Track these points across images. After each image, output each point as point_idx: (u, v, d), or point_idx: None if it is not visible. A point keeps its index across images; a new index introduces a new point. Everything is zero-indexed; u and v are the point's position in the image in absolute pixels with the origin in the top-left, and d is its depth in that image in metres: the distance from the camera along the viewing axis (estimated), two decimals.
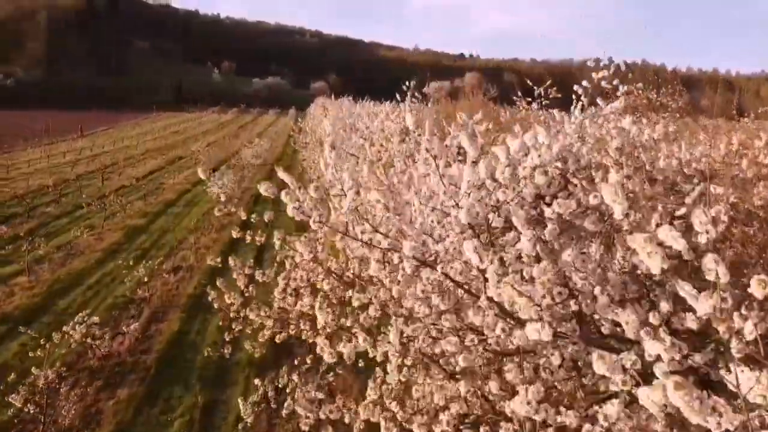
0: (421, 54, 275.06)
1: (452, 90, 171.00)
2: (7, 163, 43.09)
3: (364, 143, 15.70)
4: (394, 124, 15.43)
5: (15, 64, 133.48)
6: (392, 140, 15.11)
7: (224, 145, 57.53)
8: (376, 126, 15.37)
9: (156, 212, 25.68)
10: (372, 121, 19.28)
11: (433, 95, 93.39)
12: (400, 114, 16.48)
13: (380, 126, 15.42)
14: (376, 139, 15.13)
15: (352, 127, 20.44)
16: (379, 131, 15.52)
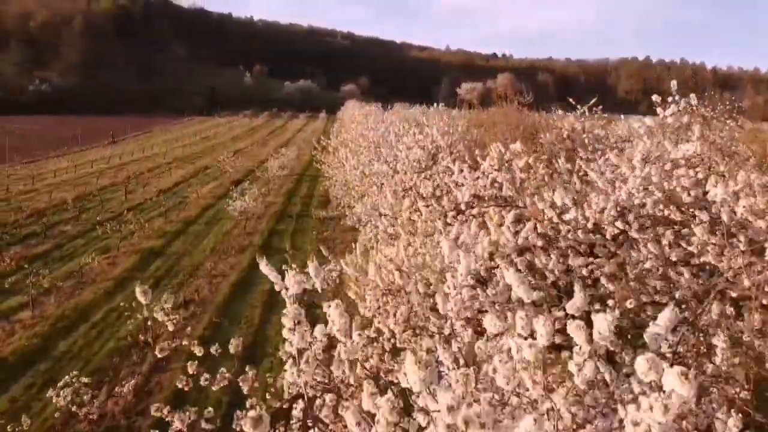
0: (452, 54, 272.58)
1: (484, 91, 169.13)
2: (34, 173, 42.96)
3: (388, 170, 14.39)
4: (420, 150, 14.04)
5: (51, 69, 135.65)
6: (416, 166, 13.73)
7: (252, 153, 56.89)
8: (402, 154, 13.94)
9: (175, 231, 24.70)
10: (398, 140, 18.01)
11: (464, 96, 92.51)
12: (428, 133, 15.03)
13: (405, 153, 14.00)
14: (400, 167, 13.78)
15: (377, 147, 19.17)
16: (404, 158, 14.14)
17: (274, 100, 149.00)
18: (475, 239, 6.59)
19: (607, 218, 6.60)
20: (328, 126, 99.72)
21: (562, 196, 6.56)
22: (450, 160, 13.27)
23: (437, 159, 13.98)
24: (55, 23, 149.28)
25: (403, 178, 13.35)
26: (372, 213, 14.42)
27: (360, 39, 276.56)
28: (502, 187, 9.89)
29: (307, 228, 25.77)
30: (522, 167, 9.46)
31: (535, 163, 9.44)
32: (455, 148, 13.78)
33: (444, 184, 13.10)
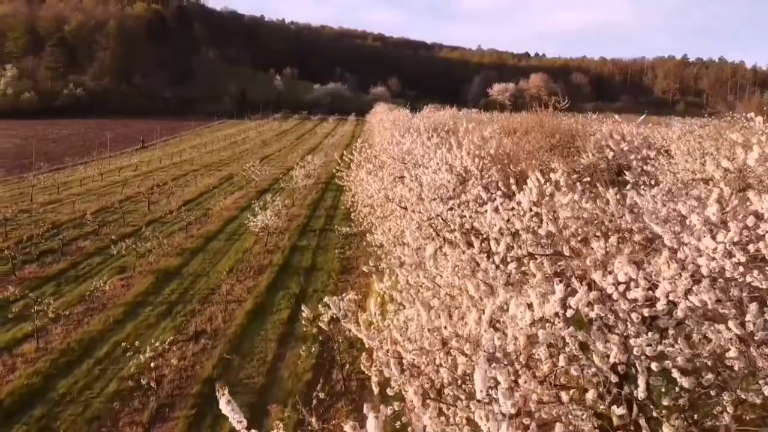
0: (483, 54, 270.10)
1: (516, 91, 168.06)
2: (61, 182, 42.89)
3: (412, 196, 13.15)
4: (448, 174, 12.80)
5: (85, 73, 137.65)
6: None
7: (279, 159, 56.25)
8: (427, 178, 12.72)
9: (194, 248, 23.85)
10: (425, 155, 16.84)
11: (496, 97, 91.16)
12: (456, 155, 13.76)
13: (431, 177, 12.77)
14: (425, 193, 12.56)
15: (402, 163, 18.03)
16: (430, 181, 12.91)
17: (304, 103, 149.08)
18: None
19: (680, 290, 5.30)
20: (356, 129, 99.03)
21: (627, 270, 5.28)
22: (482, 188, 12.06)
23: (467, 183, 12.74)
24: (89, 27, 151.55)
25: (428, 207, 12.16)
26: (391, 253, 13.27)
27: (390, 40, 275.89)
28: (541, 224, 8.64)
29: (330, 244, 24.70)
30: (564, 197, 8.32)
31: (580, 199, 8.18)
32: (487, 172, 12.50)
33: (474, 215, 11.87)
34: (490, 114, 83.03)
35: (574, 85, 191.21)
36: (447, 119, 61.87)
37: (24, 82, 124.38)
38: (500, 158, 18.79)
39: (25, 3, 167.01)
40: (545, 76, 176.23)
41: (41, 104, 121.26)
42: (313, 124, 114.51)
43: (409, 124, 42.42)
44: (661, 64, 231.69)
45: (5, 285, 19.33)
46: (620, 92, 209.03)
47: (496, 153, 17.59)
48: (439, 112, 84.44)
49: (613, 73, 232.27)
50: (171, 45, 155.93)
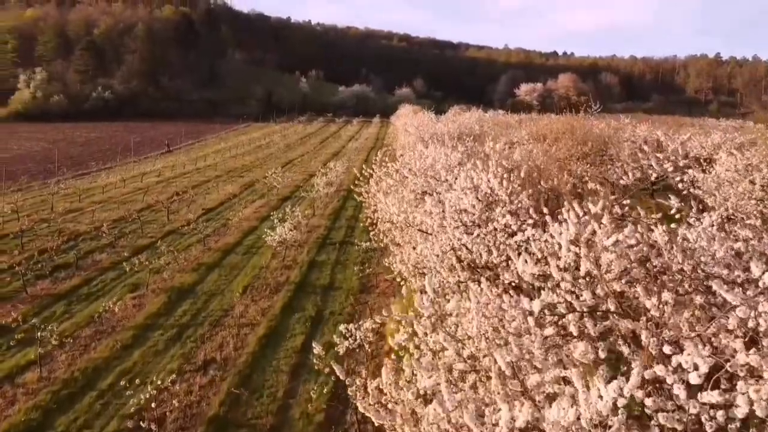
0: (510, 53, 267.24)
1: (544, 92, 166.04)
2: (84, 189, 42.74)
3: (433, 223, 12.15)
4: (473, 197, 11.79)
5: (113, 76, 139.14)
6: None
7: (302, 165, 55.63)
8: (450, 199, 11.72)
9: (210, 263, 23.15)
10: (450, 175, 15.90)
11: (523, 97, 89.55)
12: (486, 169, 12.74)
13: (455, 200, 11.76)
14: (448, 219, 11.55)
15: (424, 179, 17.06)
16: (452, 205, 11.91)
17: (330, 105, 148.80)
18: None
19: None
20: (381, 132, 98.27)
21: (697, 360, 4.26)
22: (510, 215, 11.01)
23: (493, 207, 11.71)
24: (117, 31, 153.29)
25: (450, 237, 11.15)
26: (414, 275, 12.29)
27: (416, 40, 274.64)
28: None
29: (349, 260, 23.80)
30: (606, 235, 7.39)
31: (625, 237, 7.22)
32: (516, 197, 11.44)
33: (502, 247, 10.82)
34: (518, 116, 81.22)
35: (604, 85, 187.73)
36: (473, 123, 60.71)
37: (53, 86, 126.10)
38: (530, 172, 17.70)
39: (55, 6, 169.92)
40: (574, 76, 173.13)
41: (70, 107, 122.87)
42: (337, 126, 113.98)
43: (433, 130, 41.46)
44: (693, 63, 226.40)
45: (16, 304, 18.89)
46: (651, 92, 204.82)
47: (526, 170, 16.60)
48: (465, 115, 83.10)
49: (644, 72, 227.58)
50: (198, 47, 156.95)
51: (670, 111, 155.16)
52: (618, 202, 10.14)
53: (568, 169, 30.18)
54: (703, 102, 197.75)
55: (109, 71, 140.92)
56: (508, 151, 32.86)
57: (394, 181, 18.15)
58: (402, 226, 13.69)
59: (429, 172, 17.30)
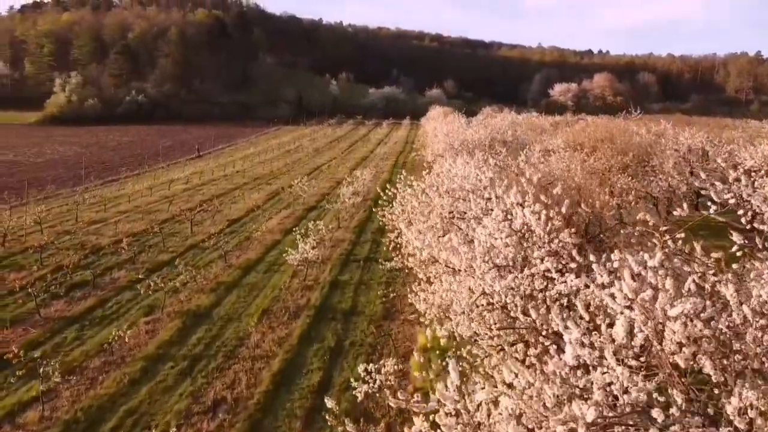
0: (543, 52, 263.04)
1: (580, 92, 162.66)
2: (111, 197, 42.55)
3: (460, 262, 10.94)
4: (506, 232, 10.57)
5: (147, 80, 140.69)
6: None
7: (329, 171, 54.81)
8: (480, 236, 10.50)
9: (229, 283, 22.30)
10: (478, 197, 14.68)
11: (558, 98, 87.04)
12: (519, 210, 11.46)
13: (484, 238, 10.54)
14: (478, 260, 10.32)
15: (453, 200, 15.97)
16: (482, 243, 10.68)
17: (360, 107, 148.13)
18: None
19: None
20: (410, 135, 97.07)
21: None
22: (550, 259, 9.74)
23: (530, 244, 10.46)
24: (151, 34, 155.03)
25: (481, 282, 9.94)
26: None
27: (448, 40, 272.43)
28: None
29: (373, 279, 22.68)
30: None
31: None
32: (557, 235, 10.15)
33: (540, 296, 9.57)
34: (552, 118, 79.03)
35: (641, 85, 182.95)
36: (505, 127, 59.04)
37: (88, 89, 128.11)
38: (567, 190, 16.38)
39: (91, 11, 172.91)
40: (610, 75, 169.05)
41: (104, 111, 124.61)
42: (367, 129, 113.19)
43: (463, 137, 40.12)
44: (734, 61, 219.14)
45: (28, 327, 18.27)
46: (690, 91, 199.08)
47: (565, 191, 15.35)
48: (497, 118, 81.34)
49: (682, 71, 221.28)
50: (230, 50, 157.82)
51: (709, 111, 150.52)
52: (671, 236, 8.88)
53: (608, 183, 28.61)
54: (744, 102, 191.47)
55: (143, 75, 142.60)
56: (543, 162, 31.42)
57: (419, 202, 17.00)
58: (426, 262, 12.51)
59: (458, 193, 16.11)
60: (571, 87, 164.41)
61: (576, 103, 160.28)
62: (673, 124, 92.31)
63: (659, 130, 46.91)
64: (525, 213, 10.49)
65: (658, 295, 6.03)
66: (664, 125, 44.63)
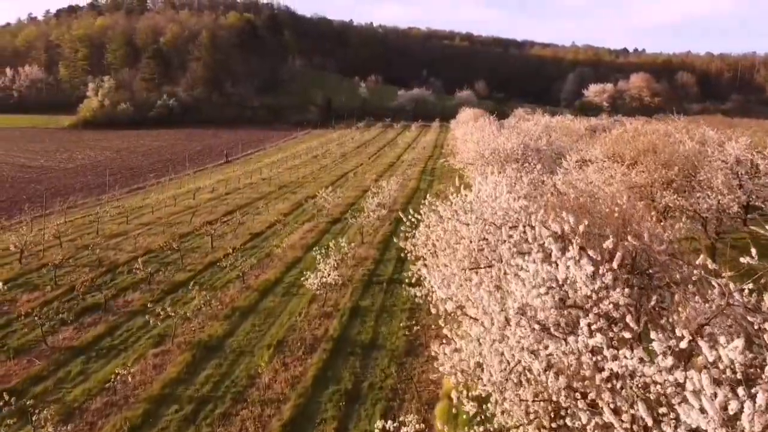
0: (577, 50, 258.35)
1: (615, 93, 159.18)
2: (134, 207, 42.07)
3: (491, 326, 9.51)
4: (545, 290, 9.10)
5: (178, 84, 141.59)
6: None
7: (356, 179, 53.68)
8: (513, 299, 9.07)
9: (245, 308, 21.18)
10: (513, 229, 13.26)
11: (593, 98, 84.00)
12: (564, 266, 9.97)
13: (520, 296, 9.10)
14: (512, 325, 8.87)
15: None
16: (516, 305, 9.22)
17: (389, 110, 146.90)
18: None
19: None
20: (439, 139, 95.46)
21: None
22: (598, 331, 8.24)
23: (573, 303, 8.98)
24: (183, 38, 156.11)
25: (514, 352, 8.49)
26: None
27: (479, 39, 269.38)
28: None
29: (396, 305, 21.27)
30: None
31: None
32: (606, 294, 8.61)
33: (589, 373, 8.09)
34: (587, 121, 76.19)
35: (680, 86, 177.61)
36: (539, 132, 57.12)
37: (120, 93, 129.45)
38: (612, 221, 14.80)
39: (124, 15, 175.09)
40: (647, 76, 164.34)
41: (136, 115, 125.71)
42: (395, 132, 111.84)
43: (494, 145, 38.44)
44: None
45: (32, 358, 17.38)
46: (729, 91, 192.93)
47: (608, 217, 13.87)
48: (530, 122, 79.22)
49: (721, 70, 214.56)
50: (261, 53, 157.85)
51: (750, 112, 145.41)
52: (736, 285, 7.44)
53: (651, 198, 26.71)
54: None
55: (175, 79, 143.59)
56: (580, 178, 29.66)
57: (444, 230, 15.58)
58: (452, 311, 11.06)
59: (488, 221, 14.66)
60: (606, 88, 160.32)
61: (611, 104, 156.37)
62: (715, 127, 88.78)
63: (702, 137, 44.48)
64: (569, 264, 8.97)
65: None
66: (705, 130, 42.35)
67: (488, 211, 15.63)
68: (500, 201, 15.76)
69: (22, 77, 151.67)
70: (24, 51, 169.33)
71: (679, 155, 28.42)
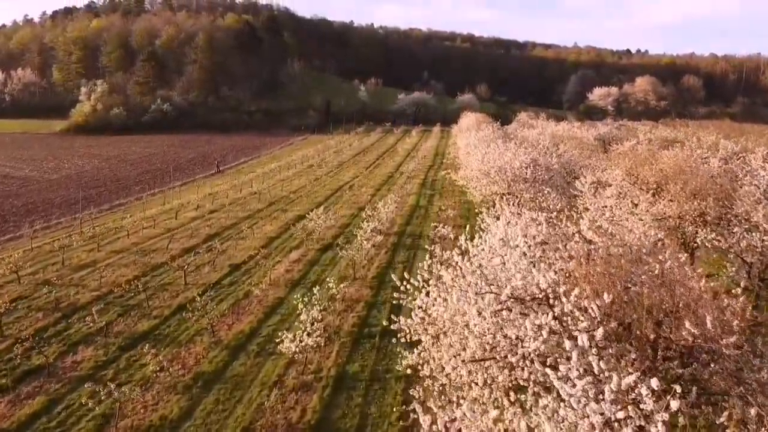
0: (580, 51, 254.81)
1: (621, 97, 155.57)
2: (109, 229, 38.88)
3: None
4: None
5: (173, 87, 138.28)
6: None
7: (352, 193, 50.54)
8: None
9: (210, 375, 18.01)
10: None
11: (597, 102, 79.52)
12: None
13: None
14: None
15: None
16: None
17: (388, 113, 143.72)
18: None
19: None
20: (440, 146, 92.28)
21: None
22: None
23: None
24: (179, 40, 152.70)
25: None
26: None
27: (480, 40, 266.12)
28: None
29: (390, 372, 17.95)
30: None
31: None
32: None
33: None
34: (595, 130, 72.28)
35: (686, 89, 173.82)
36: (546, 142, 53.91)
37: (114, 97, 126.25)
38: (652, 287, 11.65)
39: (120, 17, 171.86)
40: (653, 79, 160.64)
41: (129, 119, 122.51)
42: (395, 138, 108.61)
43: (500, 162, 35.27)
44: None
45: None
46: (734, 93, 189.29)
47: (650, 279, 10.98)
48: (534, 130, 75.96)
49: (726, 72, 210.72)
50: (260, 56, 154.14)
51: (757, 116, 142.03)
52: None
53: (680, 233, 23.51)
54: None
55: (170, 82, 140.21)
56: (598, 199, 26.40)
57: (446, 307, 12.42)
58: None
59: (503, 296, 11.52)
60: (611, 91, 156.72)
61: (616, 108, 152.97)
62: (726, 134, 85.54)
63: (724, 151, 41.21)
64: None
65: None
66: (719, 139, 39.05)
67: (502, 276, 12.65)
68: (519, 264, 12.81)
69: (14, 80, 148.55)
70: (18, 53, 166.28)
71: (710, 183, 25.07)
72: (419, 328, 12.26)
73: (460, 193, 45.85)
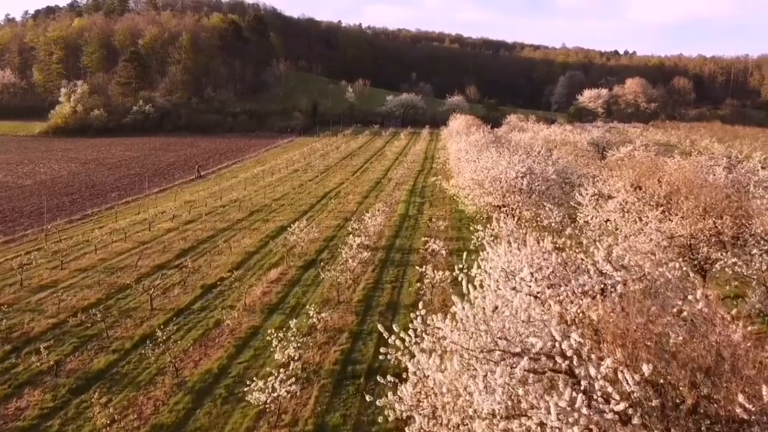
0: (569, 52, 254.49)
1: (611, 99, 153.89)
2: (77, 243, 36.31)
3: None
4: None
5: (156, 89, 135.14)
6: None
7: (338, 201, 48.30)
8: None
9: (169, 428, 15.64)
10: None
11: (587, 104, 77.29)
12: None
13: None
14: None
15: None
16: None
17: (377, 115, 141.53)
18: None
19: None
20: (429, 148, 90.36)
21: None
22: None
23: None
24: (162, 40, 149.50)
25: None
26: None
27: (469, 41, 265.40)
28: None
29: (376, 426, 15.66)
30: None
31: None
32: None
33: None
34: (587, 134, 70.21)
35: (676, 91, 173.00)
36: (539, 145, 51.96)
37: (95, 99, 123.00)
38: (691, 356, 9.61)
39: (103, 16, 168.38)
40: (642, 81, 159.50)
41: (110, 121, 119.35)
42: (383, 141, 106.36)
43: (494, 173, 33.20)
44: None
45: None
46: (723, 94, 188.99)
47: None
48: (525, 134, 74.05)
49: (715, 73, 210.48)
50: (245, 56, 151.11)
51: (746, 118, 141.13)
52: None
53: (691, 256, 21.45)
54: None
55: (152, 83, 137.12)
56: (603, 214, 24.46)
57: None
58: None
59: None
60: (601, 93, 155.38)
61: (606, 109, 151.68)
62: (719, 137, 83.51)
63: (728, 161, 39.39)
64: None
65: None
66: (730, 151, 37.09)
67: (512, 332, 10.50)
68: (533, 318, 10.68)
69: None
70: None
71: (724, 198, 22.98)
72: (412, 400, 10.02)
73: (451, 201, 43.75)
